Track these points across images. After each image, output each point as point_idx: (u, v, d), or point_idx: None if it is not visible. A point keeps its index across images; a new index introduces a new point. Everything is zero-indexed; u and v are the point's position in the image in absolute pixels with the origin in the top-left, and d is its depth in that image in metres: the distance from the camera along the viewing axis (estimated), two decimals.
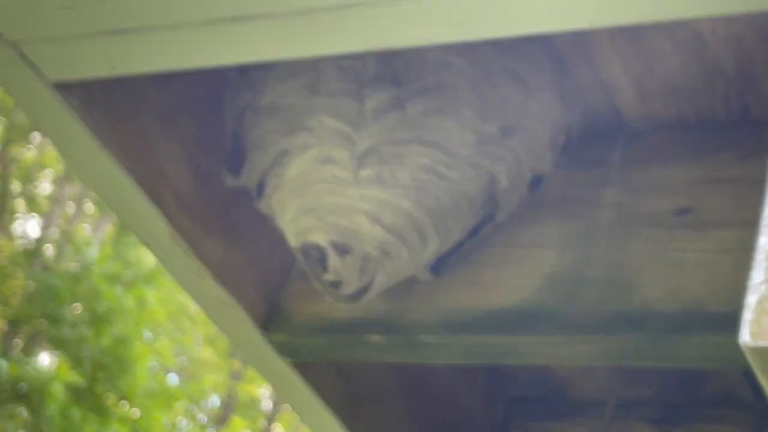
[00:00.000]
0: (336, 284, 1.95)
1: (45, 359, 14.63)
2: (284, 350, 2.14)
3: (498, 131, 1.94)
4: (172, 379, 16.40)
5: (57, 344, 13.15)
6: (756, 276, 1.11)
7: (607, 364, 2.03)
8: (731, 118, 2.01)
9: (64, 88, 1.82)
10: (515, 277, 2.00)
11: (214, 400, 19.91)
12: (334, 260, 1.93)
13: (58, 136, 1.91)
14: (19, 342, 15.05)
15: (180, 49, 1.70)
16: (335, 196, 1.91)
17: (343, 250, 1.92)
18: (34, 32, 1.73)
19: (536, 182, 2.05)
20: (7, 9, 1.71)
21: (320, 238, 1.93)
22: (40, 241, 15.26)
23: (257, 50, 1.67)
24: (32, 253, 14.42)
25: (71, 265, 13.68)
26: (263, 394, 20.19)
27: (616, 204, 2.02)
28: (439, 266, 2.03)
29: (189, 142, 2.06)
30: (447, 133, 1.90)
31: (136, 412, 12.85)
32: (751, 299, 1.10)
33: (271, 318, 2.15)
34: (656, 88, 2.02)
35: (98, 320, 12.62)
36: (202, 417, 19.12)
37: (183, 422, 17.67)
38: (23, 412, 12.58)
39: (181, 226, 2.00)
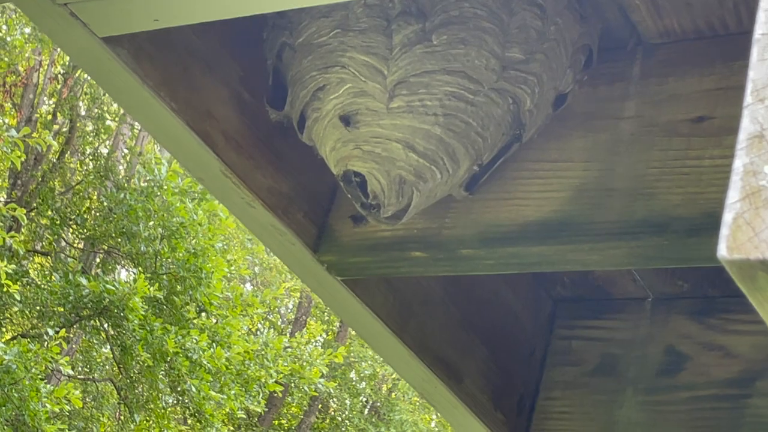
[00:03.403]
0: (376, 207, 2.10)
1: (123, 275, 15.02)
2: (334, 269, 2.30)
3: (520, 56, 2.07)
4: (247, 288, 16.74)
5: (133, 260, 13.48)
6: (732, 195, 1.23)
7: (632, 267, 2.16)
8: (741, 28, 2.11)
9: (112, 42, 1.97)
10: (545, 191, 2.14)
11: (290, 306, 20.30)
12: (373, 185, 2.08)
13: (112, 86, 2.07)
14: (97, 260, 15.45)
15: (216, 2, 1.83)
16: (370, 127, 2.05)
17: (380, 176, 2.06)
18: None
19: (560, 100, 2.17)
20: None
21: (359, 166, 2.07)
22: (110, 161, 15.55)
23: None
24: (104, 172, 14.71)
25: (142, 183, 13.96)
26: None
27: (636, 116, 2.14)
28: (473, 184, 2.17)
29: (233, 81, 2.21)
30: (471, 62, 2.03)
31: (213, 321, 13.17)
32: (728, 216, 1.22)
33: (320, 240, 2.31)
34: (668, 3, 2.12)
35: (172, 235, 12.91)
36: (279, 322, 19.51)
37: (261, 328, 18.06)
38: (106, 327, 12.97)
39: (230, 161, 2.16)
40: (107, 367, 15.45)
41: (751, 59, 1.26)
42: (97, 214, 14.40)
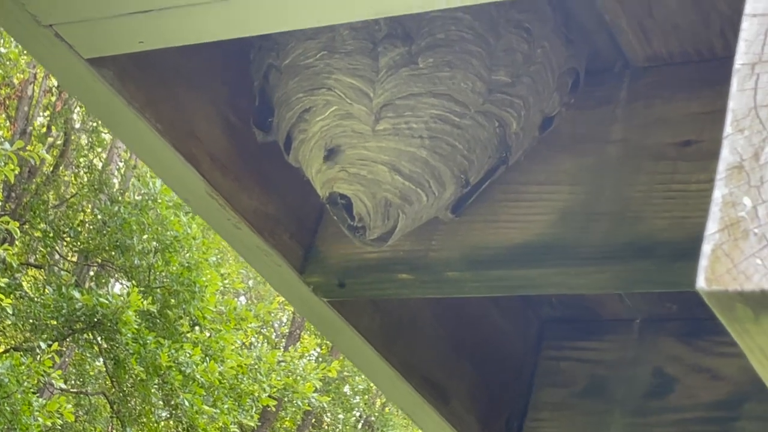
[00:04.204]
0: (362, 230, 2.09)
1: (116, 288, 14.99)
2: (320, 290, 2.29)
3: (506, 79, 2.07)
4: (240, 302, 16.71)
5: (127, 273, 13.46)
6: (711, 226, 1.23)
7: (617, 291, 2.16)
8: (728, 53, 2.11)
9: (98, 63, 1.96)
10: (531, 214, 2.14)
11: (283, 320, 20.27)
12: (358, 208, 2.07)
13: (97, 107, 2.06)
14: (90, 273, 15.43)
15: (201, 24, 1.83)
16: (356, 149, 2.05)
17: (366, 198, 2.06)
18: (67, 15, 1.87)
19: (546, 123, 2.17)
20: None
21: (345, 189, 2.07)
22: (105, 174, 15.54)
23: (272, 23, 1.80)
24: (98, 185, 14.70)
25: (136, 196, 13.95)
26: None
27: (623, 139, 2.14)
28: (459, 207, 2.17)
29: (220, 102, 2.21)
30: (457, 85, 2.02)
31: (207, 335, 13.15)
32: (706, 248, 1.22)
33: (306, 261, 2.30)
34: (656, 27, 2.12)
35: (166, 248, 12.90)
36: (273, 336, 19.46)
37: (255, 342, 18.04)
38: (99, 340, 12.94)
39: (216, 182, 2.16)
40: (100, 380, 15.42)
41: (731, 89, 1.26)
42: (91, 227, 14.38)
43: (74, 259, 15.65)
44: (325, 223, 2.33)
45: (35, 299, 13.07)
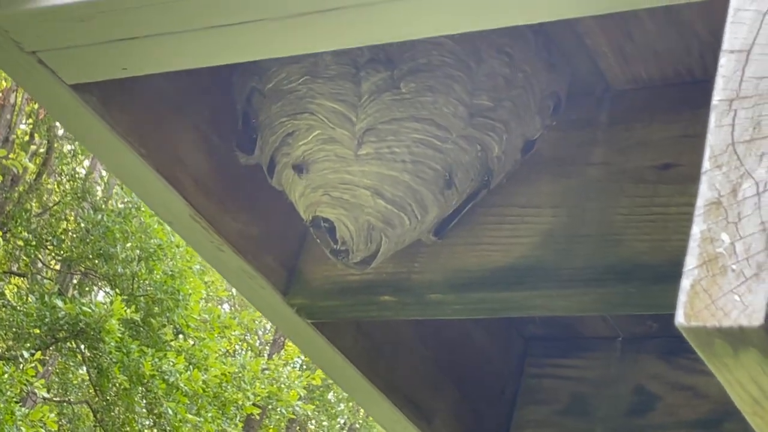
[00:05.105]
0: (345, 253, 2.11)
1: (100, 296, 14.96)
2: (304, 312, 2.30)
3: (487, 103, 2.08)
4: (224, 309, 16.70)
5: (111, 282, 13.44)
6: (689, 262, 1.24)
7: (599, 313, 2.17)
8: (707, 76, 2.13)
9: (81, 89, 1.97)
10: (512, 236, 2.15)
11: (267, 327, 20.25)
12: (341, 232, 2.09)
13: (80, 132, 2.07)
14: (74, 281, 15.39)
15: (184, 52, 1.84)
16: (339, 174, 2.06)
17: (349, 222, 2.07)
18: (51, 42, 1.88)
19: (528, 146, 2.19)
20: (25, 23, 1.85)
21: (328, 213, 2.08)
22: (88, 182, 15.51)
23: (256, 50, 1.81)
24: (81, 194, 14.66)
25: (119, 204, 13.93)
26: None
27: (604, 162, 2.16)
28: (442, 229, 2.18)
29: (203, 126, 2.21)
30: (439, 109, 2.04)
31: (191, 344, 13.13)
32: (685, 283, 1.23)
33: (290, 283, 2.31)
34: (636, 51, 2.14)
35: (149, 256, 12.89)
36: (257, 344, 19.44)
37: (239, 350, 18.02)
38: (82, 349, 12.91)
39: (199, 205, 2.16)
40: (83, 389, 15.38)
41: (709, 125, 1.27)
42: (74, 235, 14.35)
43: (57, 267, 15.61)
44: (308, 245, 2.34)
45: (18, 308, 13.04)
